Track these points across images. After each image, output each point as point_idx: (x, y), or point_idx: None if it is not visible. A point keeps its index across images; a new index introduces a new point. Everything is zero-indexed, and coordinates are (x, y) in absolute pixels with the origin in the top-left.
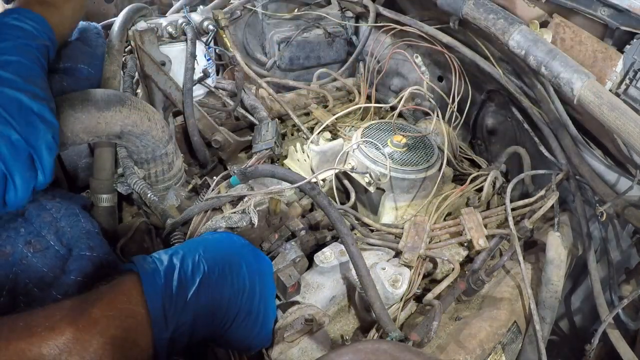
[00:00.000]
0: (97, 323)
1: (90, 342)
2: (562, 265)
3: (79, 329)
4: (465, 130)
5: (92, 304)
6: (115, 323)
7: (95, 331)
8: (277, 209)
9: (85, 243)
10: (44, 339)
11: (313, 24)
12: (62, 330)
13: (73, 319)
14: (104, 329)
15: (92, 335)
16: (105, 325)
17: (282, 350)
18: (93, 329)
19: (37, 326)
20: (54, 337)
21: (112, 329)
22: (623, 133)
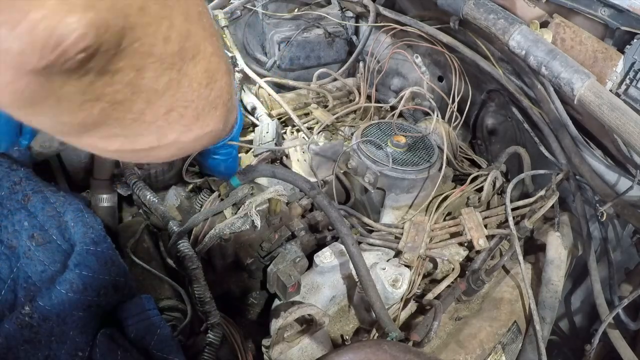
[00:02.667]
0: None
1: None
2: (562, 265)
3: None
4: (465, 130)
5: None
6: None
7: None
8: (277, 209)
9: (90, 238)
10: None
11: (313, 23)
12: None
13: None
14: None
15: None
16: None
17: (282, 350)
18: None
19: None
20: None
21: None
22: (623, 133)
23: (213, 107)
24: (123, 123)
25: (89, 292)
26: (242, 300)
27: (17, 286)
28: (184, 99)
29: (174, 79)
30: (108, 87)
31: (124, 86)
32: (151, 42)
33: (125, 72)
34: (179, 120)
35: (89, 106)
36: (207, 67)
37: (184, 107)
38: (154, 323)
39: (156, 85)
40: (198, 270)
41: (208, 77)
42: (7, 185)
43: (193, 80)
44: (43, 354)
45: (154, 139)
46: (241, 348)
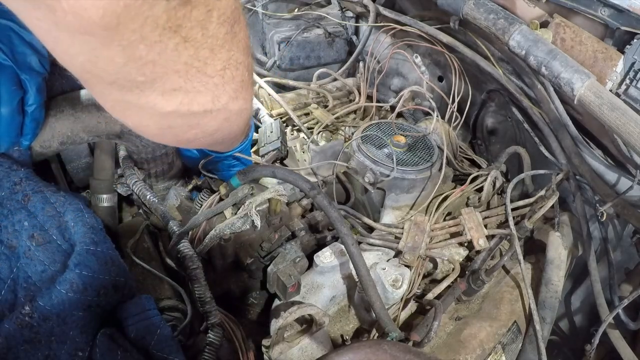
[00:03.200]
0: None
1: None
2: (562, 265)
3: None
4: (465, 130)
5: None
6: None
7: None
8: (277, 209)
9: (90, 238)
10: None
11: (313, 23)
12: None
13: None
14: None
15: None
16: None
17: (282, 350)
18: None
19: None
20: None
21: None
22: (623, 133)
23: (250, 81)
24: (189, 71)
25: (89, 292)
26: (242, 300)
27: (17, 286)
28: (235, 59)
29: (229, 33)
30: (187, 19)
31: (198, 24)
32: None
33: (200, 8)
34: (230, 81)
35: (167, 37)
36: (245, 35)
37: (235, 67)
38: (154, 323)
39: (218, 33)
40: (198, 270)
41: (246, 46)
42: (7, 185)
43: (240, 42)
44: (43, 354)
45: (209, 99)
46: (242, 346)
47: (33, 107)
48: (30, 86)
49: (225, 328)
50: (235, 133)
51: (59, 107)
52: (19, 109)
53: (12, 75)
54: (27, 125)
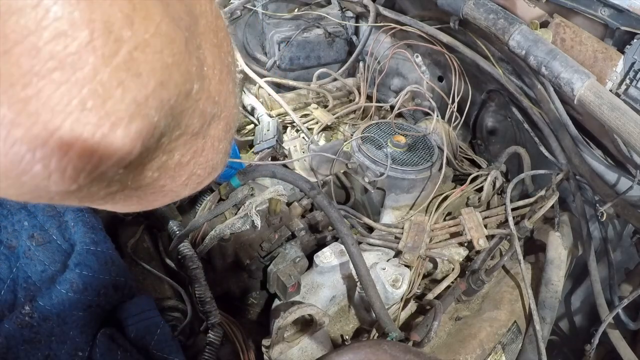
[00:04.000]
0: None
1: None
2: (562, 265)
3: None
4: (465, 130)
5: None
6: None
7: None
8: (277, 209)
9: (90, 238)
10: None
11: (313, 23)
12: None
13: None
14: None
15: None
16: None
17: (282, 350)
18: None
19: None
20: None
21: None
22: (623, 133)
23: (227, 154)
24: (141, 199)
25: (89, 291)
26: (242, 300)
27: (16, 286)
28: (205, 161)
29: (200, 146)
30: (136, 177)
31: (153, 172)
32: (188, 124)
33: (156, 160)
34: (195, 181)
35: (110, 197)
36: (228, 121)
37: (203, 168)
38: (154, 323)
39: (183, 160)
40: (198, 270)
41: (226, 130)
42: None
43: (215, 140)
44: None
45: (168, 200)
46: (243, 347)
47: None
48: None
49: (225, 329)
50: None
51: None
52: None
53: None
54: None
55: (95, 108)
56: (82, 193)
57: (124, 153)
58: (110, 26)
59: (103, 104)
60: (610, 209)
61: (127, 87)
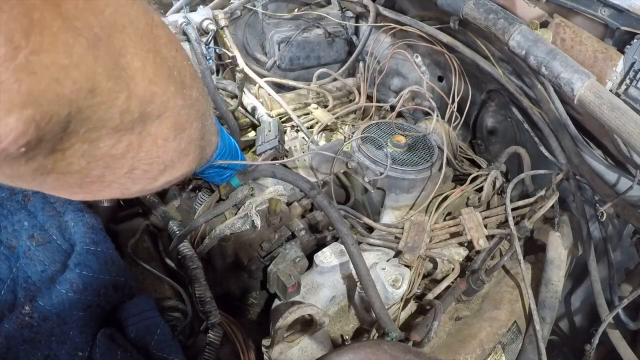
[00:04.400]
0: None
1: None
2: (562, 265)
3: None
4: (465, 130)
5: None
6: None
7: None
8: (277, 209)
9: (90, 238)
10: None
11: (313, 23)
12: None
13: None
14: None
15: None
16: None
17: (282, 350)
18: None
19: None
20: None
21: None
22: (623, 133)
23: (184, 155)
24: (82, 186)
25: (89, 291)
26: (242, 300)
27: (16, 286)
28: (148, 157)
29: (134, 141)
30: (60, 162)
31: (78, 158)
32: (104, 117)
33: (77, 147)
34: (143, 176)
35: (41, 178)
36: (175, 121)
37: (148, 164)
38: (154, 323)
39: (114, 151)
40: (198, 270)
41: (176, 130)
42: (7, 186)
43: (158, 138)
44: (43, 353)
45: (117, 192)
46: (243, 347)
47: None
48: None
49: (225, 329)
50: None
51: None
52: None
53: None
54: None
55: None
56: (3, 170)
57: (19, 133)
58: (11, 37)
59: (1, 95)
60: (610, 209)
61: (23, 82)
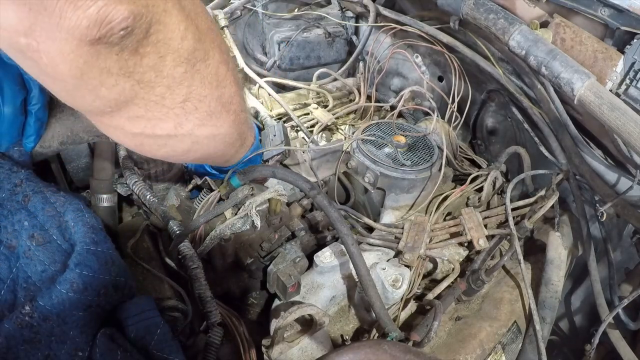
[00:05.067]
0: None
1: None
2: (562, 265)
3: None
4: (465, 130)
5: None
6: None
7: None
8: (277, 209)
9: (90, 238)
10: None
11: (313, 23)
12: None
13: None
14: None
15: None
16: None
17: (282, 350)
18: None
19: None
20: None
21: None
22: (623, 133)
23: (225, 110)
24: (147, 104)
25: (90, 291)
26: (242, 300)
27: (16, 286)
28: (198, 93)
29: (189, 72)
30: (138, 66)
31: (150, 69)
32: (170, 36)
33: (151, 56)
34: (193, 112)
35: (122, 81)
36: (217, 72)
37: (198, 100)
38: (154, 323)
39: (174, 73)
40: (199, 270)
41: (217, 80)
42: (7, 187)
43: (205, 79)
44: (43, 353)
45: (172, 125)
46: (245, 342)
47: (37, 106)
48: (33, 86)
49: (227, 323)
50: (219, 152)
51: (59, 107)
52: (21, 109)
53: (15, 75)
54: (32, 126)
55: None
56: (102, 51)
57: (124, 17)
58: None
59: None
60: (610, 209)
61: None
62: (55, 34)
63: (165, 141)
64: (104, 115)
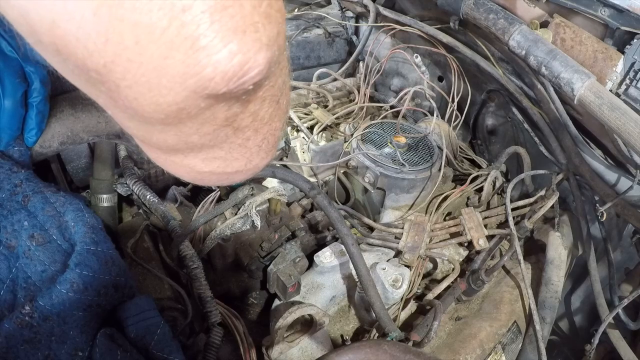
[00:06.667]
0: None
1: None
2: (562, 265)
3: None
4: (465, 130)
5: None
6: None
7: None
8: (277, 209)
9: (90, 238)
10: None
11: (313, 23)
12: None
13: None
14: None
15: None
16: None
17: (282, 350)
18: None
19: None
20: None
21: None
22: (623, 133)
23: (279, 139)
24: (232, 147)
25: (90, 291)
26: (242, 300)
27: (16, 286)
28: (275, 128)
29: (275, 109)
30: (242, 114)
31: (250, 115)
32: (277, 75)
33: (256, 102)
34: (266, 147)
35: (221, 130)
36: (287, 107)
37: (272, 134)
38: (154, 323)
39: (266, 115)
40: (199, 270)
41: (286, 114)
42: (7, 187)
43: (283, 112)
44: (43, 353)
45: (244, 163)
46: (245, 342)
47: (38, 99)
48: (34, 78)
49: (227, 323)
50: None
51: (59, 107)
52: (22, 102)
53: (17, 68)
54: (33, 119)
55: (250, 35)
56: (218, 104)
57: (260, 70)
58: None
59: (253, 33)
60: (610, 209)
61: (266, 25)
62: (154, 75)
63: (231, 177)
64: (176, 154)
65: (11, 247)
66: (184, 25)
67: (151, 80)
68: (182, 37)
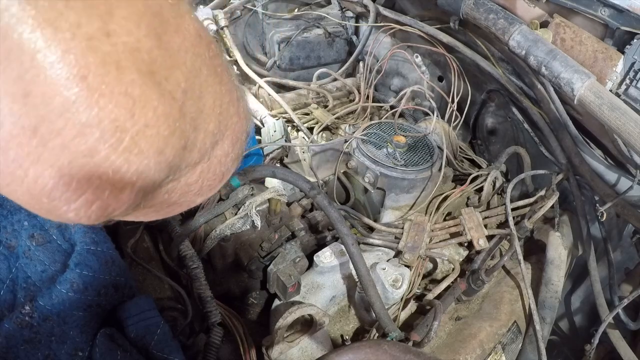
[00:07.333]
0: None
1: None
2: (562, 265)
3: None
4: (465, 130)
5: None
6: None
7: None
8: (277, 209)
9: (90, 237)
10: None
11: (313, 23)
12: None
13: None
14: None
15: None
16: None
17: (282, 350)
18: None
19: None
20: None
21: None
22: (623, 133)
23: (237, 160)
24: (159, 210)
25: (90, 291)
26: (242, 300)
27: (16, 286)
28: (213, 175)
29: (205, 167)
30: (149, 200)
31: (163, 195)
32: (188, 161)
33: (164, 187)
34: (207, 190)
35: (131, 212)
36: (233, 136)
37: (212, 179)
38: (154, 323)
39: (190, 180)
40: (199, 270)
41: (233, 144)
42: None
43: (221, 156)
44: (43, 353)
45: (186, 207)
46: (245, 342)
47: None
48: None
49: (227, 323)
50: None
51: None
52: None
53: None
54: None
55: (104, 183)
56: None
57: (125, 209)
58: (116, 122)
59: (112, 178)
60: (610, 209)
61: (132, 162)
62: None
63: (181, 211)
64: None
65: (11, 247)
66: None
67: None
68: (39, 190)
